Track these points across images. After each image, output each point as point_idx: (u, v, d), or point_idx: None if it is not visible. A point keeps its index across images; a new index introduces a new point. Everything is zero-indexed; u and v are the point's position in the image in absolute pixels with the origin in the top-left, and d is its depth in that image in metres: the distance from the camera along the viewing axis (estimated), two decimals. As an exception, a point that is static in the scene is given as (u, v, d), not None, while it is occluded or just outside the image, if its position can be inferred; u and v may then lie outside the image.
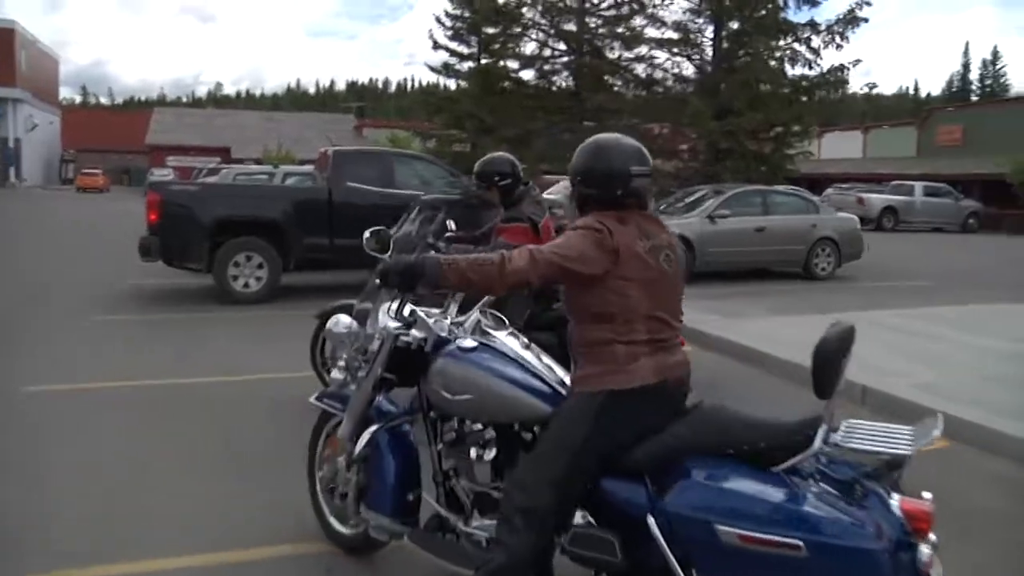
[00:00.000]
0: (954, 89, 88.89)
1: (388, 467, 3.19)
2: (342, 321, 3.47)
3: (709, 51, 19.31)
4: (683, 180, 19.03)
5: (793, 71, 19.05)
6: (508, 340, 3.10)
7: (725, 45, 19.16)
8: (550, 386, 2.87)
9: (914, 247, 22.95)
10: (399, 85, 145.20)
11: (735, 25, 18.84)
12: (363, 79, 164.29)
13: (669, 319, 2.72)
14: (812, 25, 18.50)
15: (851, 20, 18.31)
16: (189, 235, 10.48)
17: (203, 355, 7.69)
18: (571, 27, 19.10)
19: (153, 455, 4.97)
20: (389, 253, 3.46)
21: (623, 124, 19.51)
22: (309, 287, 11.78)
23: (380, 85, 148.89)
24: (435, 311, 3.29)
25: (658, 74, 20.06)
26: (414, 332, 3.13)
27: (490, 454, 2.89)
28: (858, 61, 18.31)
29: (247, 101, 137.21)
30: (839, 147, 46.14)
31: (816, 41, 18.39)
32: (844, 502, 2.26)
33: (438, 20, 23.30)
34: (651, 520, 2.43)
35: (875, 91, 24.51)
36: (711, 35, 19.07)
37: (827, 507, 2.24)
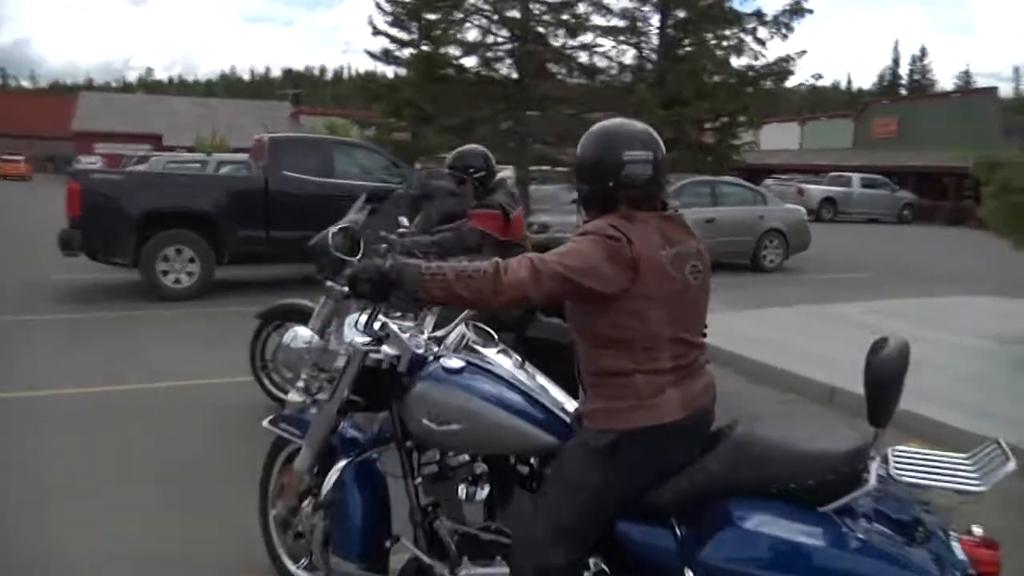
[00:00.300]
0: (885, 83, 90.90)
1: (354, 506, 2.72)
2: (300, 335, 2.94)
3: (655, 40, 19.04)
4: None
5: (739, 61, 19.01)
6: (499, 359, 2.68)
7: (671, 33, 18.91)
8: (552, 413, 2.47)
9: (853, 238, 23.21)
10: (336, 72, 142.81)
11: (681, 14, 18.63)
12: (299, 66, 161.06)
13: (694, 339, 2.32)
14: (758, 15, 18.40)
15: (796, 10, 18.23)
16: (114, 228, 9.79)
17: (132, 359, 7.08)
18: (514, 13, 18.63)
19: (77, 476, 4.42)
20: (359, 256, 3.02)
21: (567, 113, 19.23)
22: (245, 282, 11.20)
23: (317, 72, 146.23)
24: (410, 323, 2.82)
25: (603, 63, 19.75)
26: (386, 349, 2.65)
27: (482, 493, 2.49)
28: (803, 52, 18.32)
29: (179, 87, 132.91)
30: (777, 138, 46.52)
31: (762, 31, 18.33)
32: (905, 547, 1.97)
33: (378, 6, 22.61)
34: (689, 574, 2.06)
35: (812, 83, 24.45)
36: (657, 24, 18.83)
37: (889, 555, 1.94)
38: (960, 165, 33.07)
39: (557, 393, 2.62)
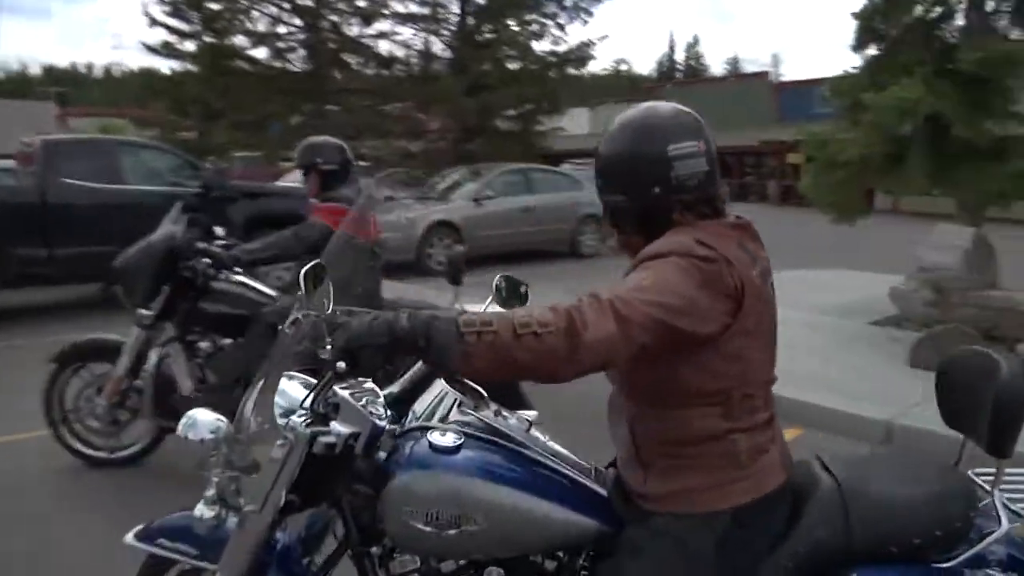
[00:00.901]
0: (664, 70, 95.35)
1: None
2: (202, 421, 2.00)
3: (455, 27, 18.66)
4: (433, 162, 18.36)
5: (541, 47, 18.99)
6: (500, 423, 1.96)
7: (471, 20, 18.61)
8: (590, 489, 1.89)
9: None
10: (106, 69, 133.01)
11: (481, 0, 18.37)
12: (62, 62, 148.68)
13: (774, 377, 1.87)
14: (558, 1, 18.46)
15: (595, -4, 18.48)
16: None
17: None
18: (306, 1, 17.66)
19: None
20: (329, 307, 1.85)
21: (364, 105, 18.56)
22: (27, 309, 9.72)
23: (84, 69, 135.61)
24: (367, 386, 2.00)
25: (401, 51, 19.17)
26: (337, 427, 1.87)
27: None
28: (604, 37, 18.56)
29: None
30: (567, 123, 47.54)
31: (563, 17, 18.40)
32: None
33: (154, -6, 20.95)
34: None
35: (616, 68, 25.07)
36: (457, 10, 18.48)
37: None
38: (740, 144, 35.68)
39: (573, 458, 2.00)
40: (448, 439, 1.84)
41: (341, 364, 1.62)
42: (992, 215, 8.16)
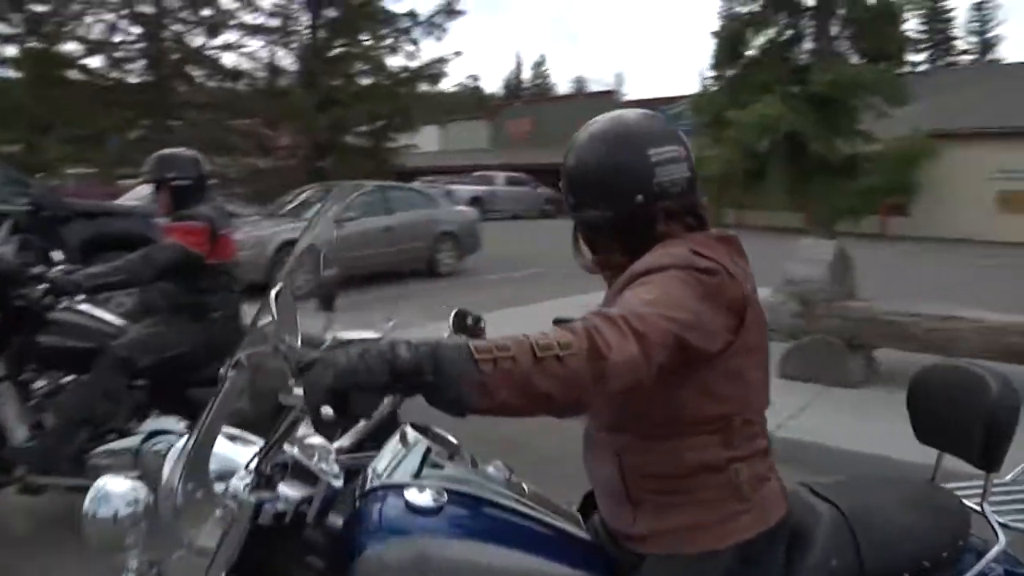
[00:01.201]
0: (511, 88, 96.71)
1: None
2: (115, 492, 1.61)
3: (307, 40, 18.11)
4: (284, 179, 17.74)
5: (394, 62, 18.70)
6: (481, 474, 1.72)
7: (323, 34, 18.11)
8: (586, 541, 1.70)
9: (508, 234, 23.90)
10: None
11: (332, 12, 17.91)
12: None
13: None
14: (411, 15, 18.26)
15: (450, 11, 18.39)
16: None
17: None
18: (146, 8, 16.71)
19: None
20: (297, 339, 1.65)
21: (209, 119, 17.76)
22: None
23: None
24: (314, 440, 1.58)
25: (250, 64, 18.44)
26: (285, 491, 1.56)
27: None
28: (459, 53, 18.48)
29: None
30: (417, 141, 47.45)
31: (416, 32, 18.19)
32: None
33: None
34: None
35: (470, 85, 25.14)
36: (308, 22, 17.93)
37: None
38: None
39: (554, 503, 1.78)
40: (427, 497, 1.56)
41: (327, 410, 1.30)
42: (842, 229, 8.53)
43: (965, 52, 45.93)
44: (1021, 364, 5.15)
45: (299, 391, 1.33)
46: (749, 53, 8.31)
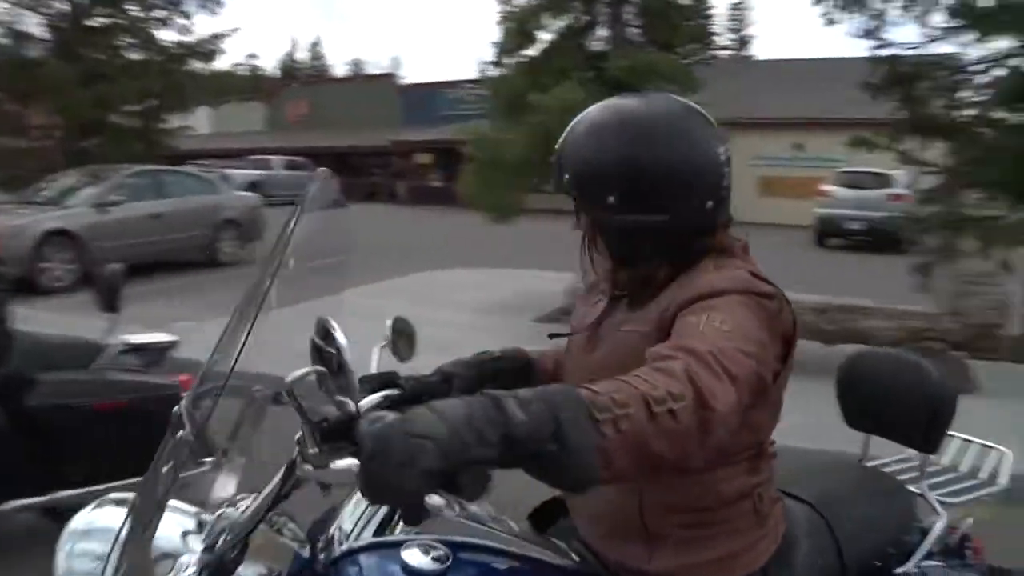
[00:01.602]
0: (286, 68, 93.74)
1: None
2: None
3: (67, 7, 16.36)
4: (40, 162, 16.09)
5: (168, 37, 17.31)
6: (475, 519, 1.44)
7: (83, 1, 16.47)
8: (580, 572, 1.50)
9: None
10: None
11: (92, -22, 16.36)
12: None
13: None
14: (182, -13, 16.97)
15: (225, -16, 17.23)
16: None
17: None
18: None
19: None
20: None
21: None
22: None
23: None
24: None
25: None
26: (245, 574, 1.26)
27: None
28: (236, 29, 17.39)
29: None
30: (190, 122, 45.09)
31: (189, 4, 16.94)
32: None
33: None
34: None
35: (249, 64, 23.54)
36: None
37: None
38: (367, 144, 36.02)
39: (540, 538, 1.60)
40: (429, 559, 1.28)
41: (436, 499, 1.01)
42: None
43: (724, 48, 49.79)
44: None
45: (342, 463, 1.07)
46: (546, 37, 8.50)
